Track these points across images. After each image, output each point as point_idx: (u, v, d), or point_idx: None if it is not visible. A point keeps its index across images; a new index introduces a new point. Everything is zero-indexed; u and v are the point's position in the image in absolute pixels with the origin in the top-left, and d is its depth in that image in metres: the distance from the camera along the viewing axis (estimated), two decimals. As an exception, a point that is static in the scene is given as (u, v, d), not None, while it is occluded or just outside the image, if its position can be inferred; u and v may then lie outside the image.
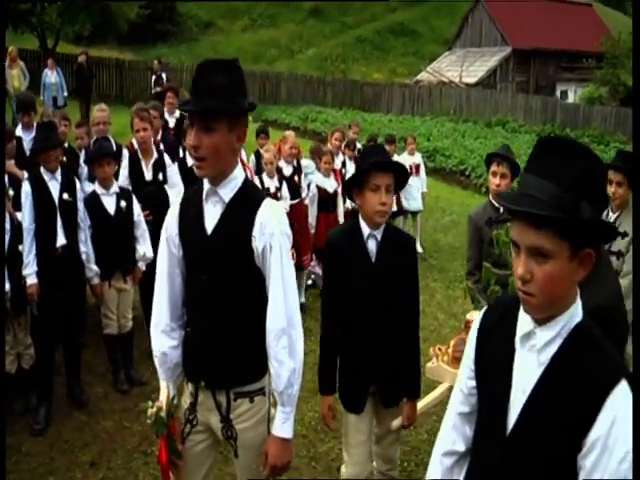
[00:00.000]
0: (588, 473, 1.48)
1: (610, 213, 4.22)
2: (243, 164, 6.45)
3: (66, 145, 5.68)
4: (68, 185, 4.64)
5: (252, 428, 2.47)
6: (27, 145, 5.59)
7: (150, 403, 2.47)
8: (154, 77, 15.87)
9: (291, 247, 2.45)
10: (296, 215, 6.53)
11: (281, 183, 6.53)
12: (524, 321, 1.64)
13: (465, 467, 1.83)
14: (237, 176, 2.39)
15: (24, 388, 4.79)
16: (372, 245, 3.02)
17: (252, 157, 7.58)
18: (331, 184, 7.08)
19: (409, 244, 3.15)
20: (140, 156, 5.45)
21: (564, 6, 31.65)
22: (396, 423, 3.15)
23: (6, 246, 4.47)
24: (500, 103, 23.05)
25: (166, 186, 5.38)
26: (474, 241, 4.21)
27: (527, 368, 1.61)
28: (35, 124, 5.67)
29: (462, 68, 27.87)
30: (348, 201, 7.68)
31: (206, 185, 2.39)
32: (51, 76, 14.20)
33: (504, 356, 1.66)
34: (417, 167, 9.37)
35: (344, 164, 7.85)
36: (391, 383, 3.11)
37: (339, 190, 7.18)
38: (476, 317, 1.84)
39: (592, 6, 33.62)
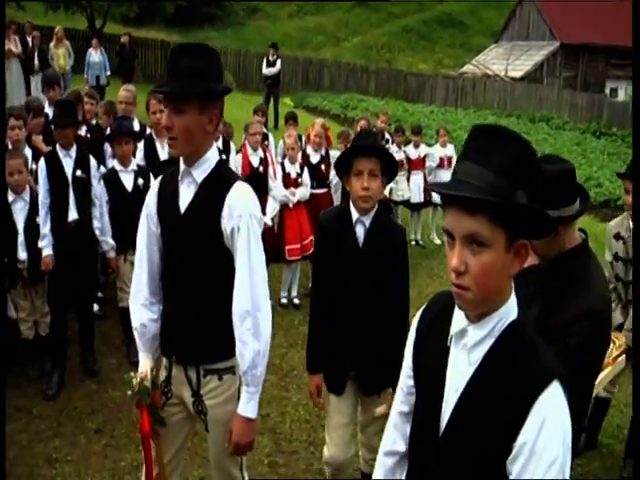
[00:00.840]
0: (516, 478, 1.45)
1: (630, 223, 3.98)
2: (264, 149, 6.51)
3: (93, 122, 5.87)
4: (82, 162, 4.77)
5: (221, 405, 2.54)
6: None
7: (132, 374, 2.53)
8: None
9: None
10: (321, 205, 6.48)
11: (302, 169, 6.57)
12: (458, 318, 1.59)
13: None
14: (210, 158, 2.47)
15: (40, 354, 5.00)
16: (360, 230, 3.04)
17: (280, 142, 7.64)
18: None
19: (398, 232, 3.16)
20: (154, 136, 5.59)
21: (615, 1, 30.87)
22: (379, 410, 3.15)
23: (24, 217, 4.68)
24: (545, 98, 22.70)
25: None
26: None
27: (460, 367, 1.57)
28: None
29: (508, 61, 27.43)
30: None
31: (182, 166, 2.47)
32: (95, 55, 14.46)
33: (439, 355, 1.63)
34: (449, 159, 9.28)
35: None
36: (371, 371, 3.11)
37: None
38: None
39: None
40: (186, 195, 2.47)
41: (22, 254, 4.68)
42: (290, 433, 4.48)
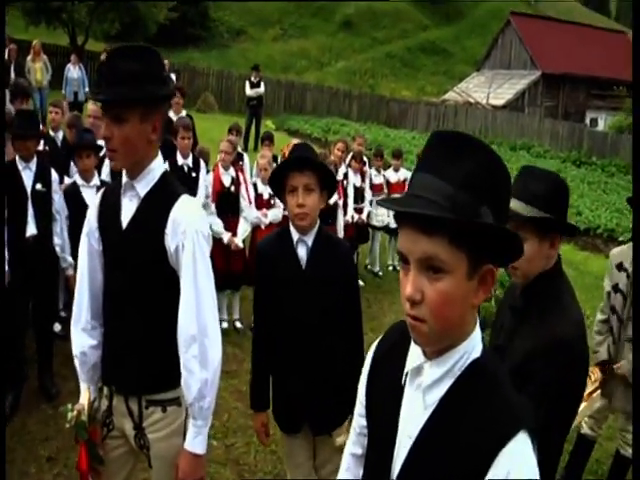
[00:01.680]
0: None
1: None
2: (236, 169, 6.38)
3: (60, 133, 5.73)
4: (42, 175, 4.59)
5: (165, 439, 2.35)
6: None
7: (70, 406, 2.35)
8: None
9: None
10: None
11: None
12: (414, 354, 1.38)
13: None
14: (154, 169, 2.28)
15: (-7, 375, 4.78)
16: (302, 251, 2.79)
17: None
18: (330, 194, 6.98)
19: (344, 249, 2.92)
20: None
21: (596, 32, 31.44)
22: (340, 440, 2.83)
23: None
24: (526, 127, 22.92)
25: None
26: None
27: (414, 410, 1.37)
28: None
29: (490, 90, 27.73)
30: (349, 213, 7.64)
31: (124, 178, 2.29)
32: (74, 71, 14.33)
33: (392, 394, 1.42)
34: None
35: (346, 176, 7.77)
36: (322, 408, 2.85)
37: (340, 202, 7.09)
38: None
39: (625, 33, 33.31)
40: (128, 210, 2.28)
41: (-26, 271, 4.49)
42: (255, 464, 4.27)
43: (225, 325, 6.35)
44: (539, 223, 2.16)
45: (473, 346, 1.33)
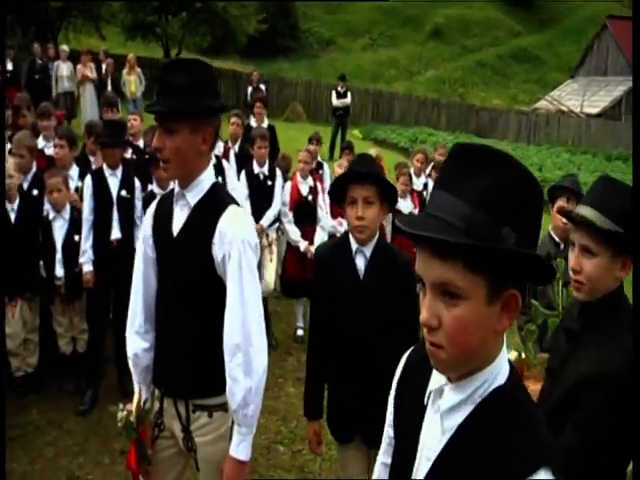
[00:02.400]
0: None
1: None
2: (314, 178, 6.45)
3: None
4: (127, 182, 4.84)
5: (211, 443, 2.39)
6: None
7: (121, 406, 2.43)
8: (250, 88, 16.23)
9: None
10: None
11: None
12: (437, 374, 1.31)
13: None
14: (205, 179, 2.34)
15: (76, 370, 5.06)
16: (360, 262, 2.80)
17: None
18: (407, 205, 6.92)
19: (404, 262, 2.85)
20: None
21: None
22: None
23: (63, 235, 4.76)
24: (623, 136, 21.97)
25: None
26: None
27: (433, 432, 1.30)
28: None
29: (584, 97, 26.78)
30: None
31: (176, 188, 2.36)
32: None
33: (415, 412, 1.36)
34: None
35: (425, 186, 7.73)
36: (376, 419, 2.86)
37: (415, 212, 7.07)
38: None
39: None
40: (179, 218, 2.35)
41: (59, 271, 4.76)
42: (319, 473, 4.30)
43: (301, 333, 6.43)
44: (615, 239, 2.00)
45: (497, 373, 1.25)
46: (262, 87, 16.12)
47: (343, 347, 2.82)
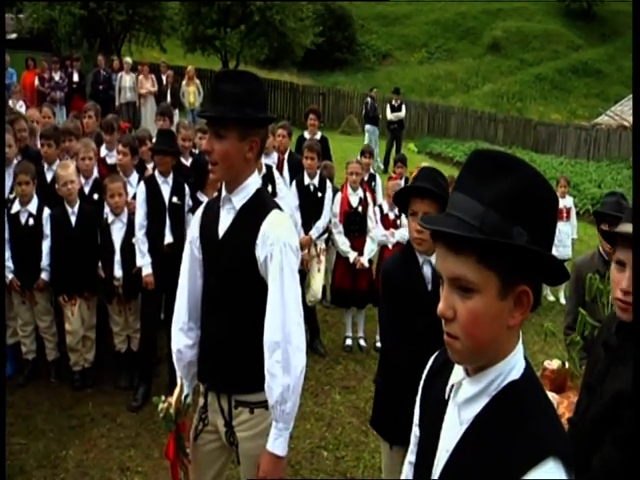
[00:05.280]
0: None
1: None
2: (365, 190, 6.52)
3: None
4: (178, 189, 5.02)
5: (252, 439, 2.48)
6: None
7: (163, 397, 2.53)
8: (368, 102, 16.64)
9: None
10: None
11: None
12: (458, 369, 1.40)
13: None
14: (250, 185, 2.45)
15: (130, 367, 5.29)
16: (428, 271, 2.90)
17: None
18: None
19: None
20: None
21: None
22: None
23: (121, 237, 4.98)
24: (687, 153, 21.30)
25: (276, 198, 5.58)
26: (575, 292, 3.83)
27: (452, 425, 1.38)
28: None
29: (647, 113, 26.08)
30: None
31: (223, 192, 2.48)
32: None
33: (438, 407, 1.44)
34: (568, 211, 8.89)
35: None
36: None
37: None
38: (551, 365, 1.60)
39: None
40: (225, 221, 2.47)
41: (118, 272, 4.98)
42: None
43: (349, 342, 6.50)
44: None
45: (511, 368, 1.32)
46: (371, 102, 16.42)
47: (411, 353, 2.80)
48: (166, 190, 5.00)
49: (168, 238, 4.99)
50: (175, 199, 5.00)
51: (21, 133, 5.99)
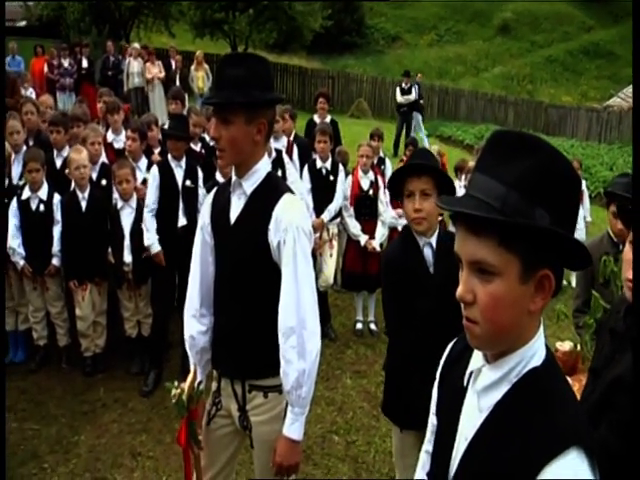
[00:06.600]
0: None
1: None
2: (376, 173, 6.49)
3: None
4: (191, 173, 5.02)
5: (266, 423, 2.47)
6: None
7: (176, 383, 2.51)
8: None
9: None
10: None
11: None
12: (477, 355, 1.36)
13: None
14: (260, 169, 2.42)
15: (141, 352, 5.30)
16: (429, 253, 2.87)
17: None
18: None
19: None
20: None
21: None
22: None
23: (130, 223, 4.99)
24: (700, 135, 21.08)
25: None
26: (583, 275, 3.81)
27: (471, 412, 1.35)
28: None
29: (660, 94, 25.80)
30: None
31: (233, 177, 2.45)
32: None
33: (456, 395, 1.41)
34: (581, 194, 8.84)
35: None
36: None
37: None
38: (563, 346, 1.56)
39: None
40: (236, 206, 2.44)
41: (128, 257, 4.98)
42: (373, 464, 4.36)
43: (360, 326, 6.49)
44: None
45: (532, 354, 1.28)
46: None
47: (417, 336, 2.84)
48: (179, 174, 5.00)
49: (182, 221, 5.00)
50: (188, 182, 5.01)
51: (28, 116, 5.98)
